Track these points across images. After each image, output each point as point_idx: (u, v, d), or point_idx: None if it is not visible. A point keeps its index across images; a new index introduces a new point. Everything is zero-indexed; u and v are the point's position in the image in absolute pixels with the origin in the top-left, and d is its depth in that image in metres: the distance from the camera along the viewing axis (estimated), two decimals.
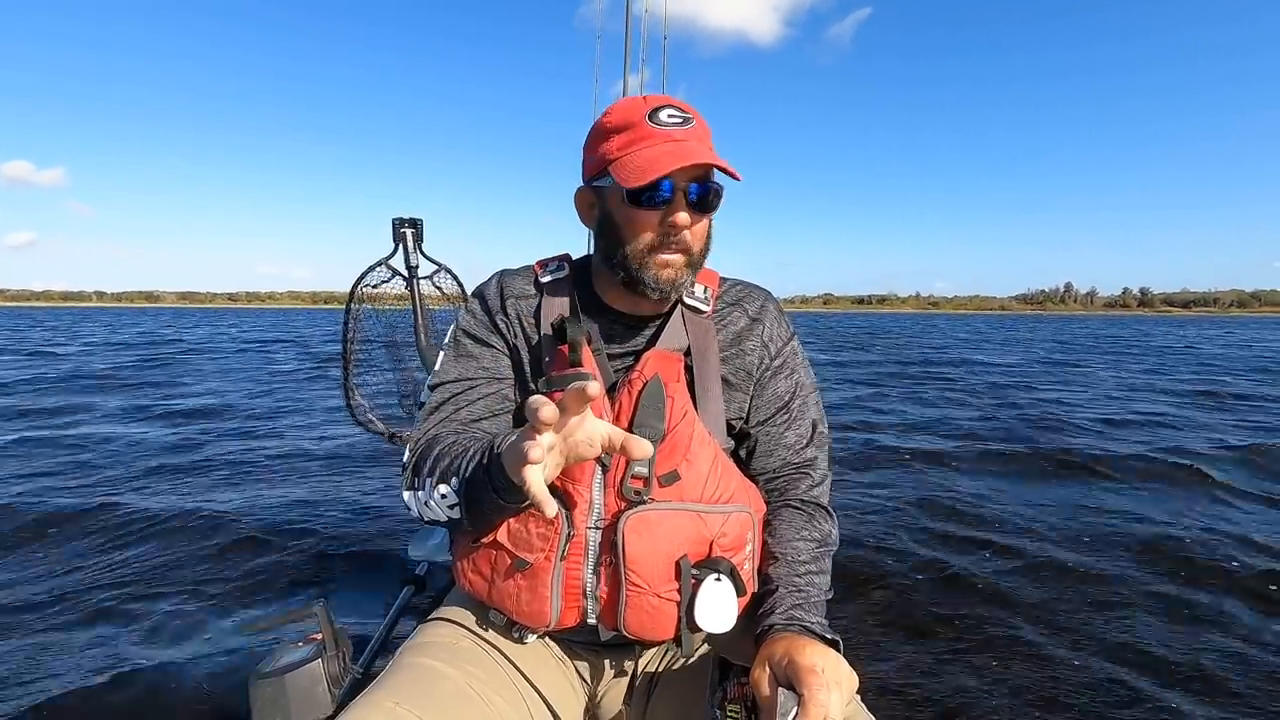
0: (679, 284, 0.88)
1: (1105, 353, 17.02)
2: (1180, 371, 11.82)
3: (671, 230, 0.85)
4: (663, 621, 0.81)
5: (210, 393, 7.99)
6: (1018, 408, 7.16)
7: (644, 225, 0.86)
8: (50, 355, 13.65)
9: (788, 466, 0.96)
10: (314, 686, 0.91)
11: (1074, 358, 15.14)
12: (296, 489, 3.68)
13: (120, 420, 6.08)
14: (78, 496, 3.51)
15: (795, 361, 1.00)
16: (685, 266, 0.88)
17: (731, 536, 0.84)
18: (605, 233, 0.90)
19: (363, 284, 1.64)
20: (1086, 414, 6.71)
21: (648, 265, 0.87)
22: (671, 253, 0.87)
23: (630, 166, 0.82)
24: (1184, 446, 5.01)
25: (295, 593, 2.38)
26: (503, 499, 0.73)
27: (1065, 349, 18.76)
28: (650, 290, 0.88)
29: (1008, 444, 5.18)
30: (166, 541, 2.86)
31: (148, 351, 15.02)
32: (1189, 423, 6.26)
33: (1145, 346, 20.22)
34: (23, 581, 2.43)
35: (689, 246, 0.88)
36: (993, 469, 4.46)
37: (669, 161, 0.80)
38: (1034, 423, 6.18)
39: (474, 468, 0.76)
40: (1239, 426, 6.07)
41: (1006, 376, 10.84)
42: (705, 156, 0.82)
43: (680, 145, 0.83)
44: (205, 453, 4.68)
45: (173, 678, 1.81)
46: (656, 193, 0.84)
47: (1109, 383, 9.87)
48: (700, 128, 0.87)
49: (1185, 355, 16.28)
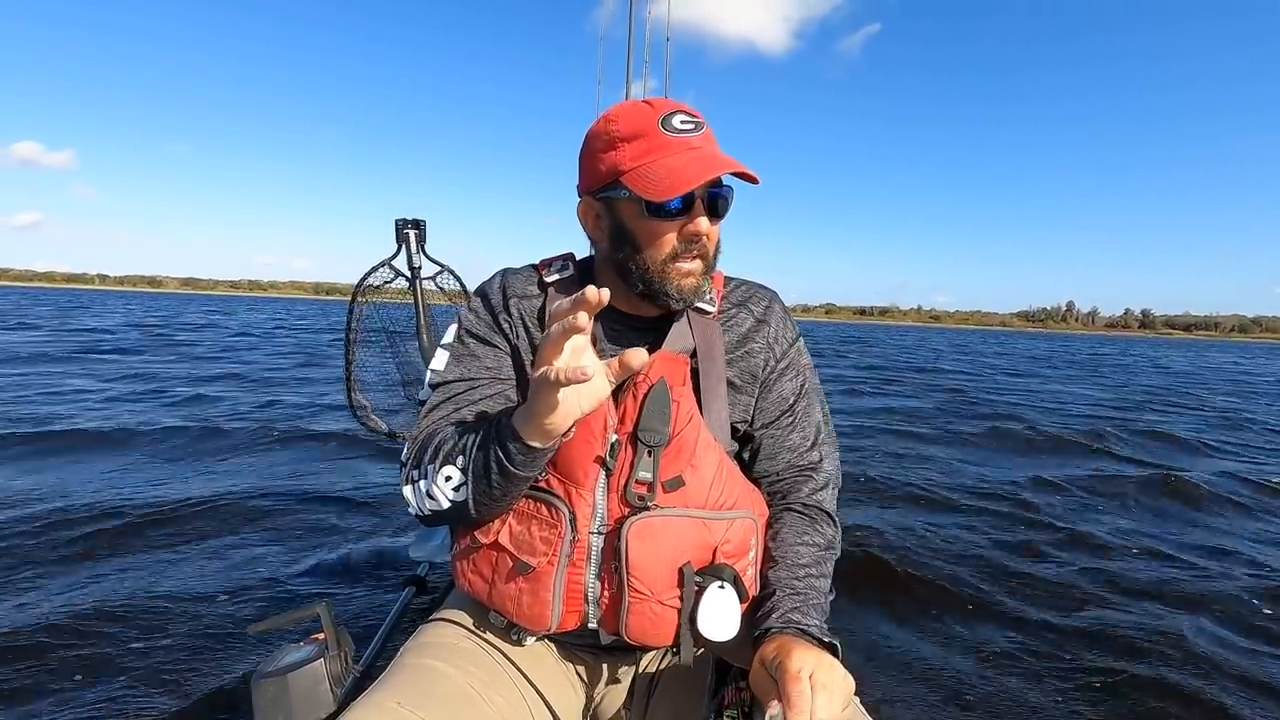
0: (700, 291, 0.88)
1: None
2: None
3: (693, 239, 0.84)
4: (664, 628, 0.81)
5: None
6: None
7: (665, 236, 0.84)
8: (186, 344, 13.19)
9: (791, 469, 0.95)
10: (316, 686, 0.91)
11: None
12: (297, 489, 3.66)
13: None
14: (77, 495, 3.51)
15: (801, 363, 0.99)
16: (703, 273, 0.87)
17: (735, 543, 0.84)
18: (620, 245, 0.87)
19: (366, 284, 1.64)
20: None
21: (669, 276, 0.85)
22: (691, 260, 0.85)
23: (652, 178, 0.80)
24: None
25: (298, 592, 2.36)
26: (515, 466, 0.73)
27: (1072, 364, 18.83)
28: (674, 301, 0.86)
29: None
30: (166, 539, 2.84)
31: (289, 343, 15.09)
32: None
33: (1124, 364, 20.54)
34: (20, 582, 2.41)
35: (707, 253, 0.87)
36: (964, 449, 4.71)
37: (698, 171, 0.79)
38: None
39: (483, 438, 0.75)
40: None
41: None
42: (732, 164, 0.80)
43: (701, 154, 0.81)
44: (207, 449, 4.66)
45: (174, 677, 1.81)
46: (679, 203, 0.82)
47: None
48: (709, 132, 0.86)
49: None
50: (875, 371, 14.09)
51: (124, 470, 3.97)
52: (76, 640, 1.98)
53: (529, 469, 0.75)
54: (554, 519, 0.81)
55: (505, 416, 0.75)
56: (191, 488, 3.60)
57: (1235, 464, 5.44)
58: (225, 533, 2.95)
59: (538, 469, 0.77)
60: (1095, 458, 5.45)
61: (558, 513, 0.81)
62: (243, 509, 3.24)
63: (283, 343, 15.38)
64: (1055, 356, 25.71)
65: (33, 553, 2.63)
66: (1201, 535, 3.51)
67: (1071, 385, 12.75)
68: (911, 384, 11.53)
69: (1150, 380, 15.01)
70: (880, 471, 4.45)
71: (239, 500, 3.35)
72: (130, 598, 2.26)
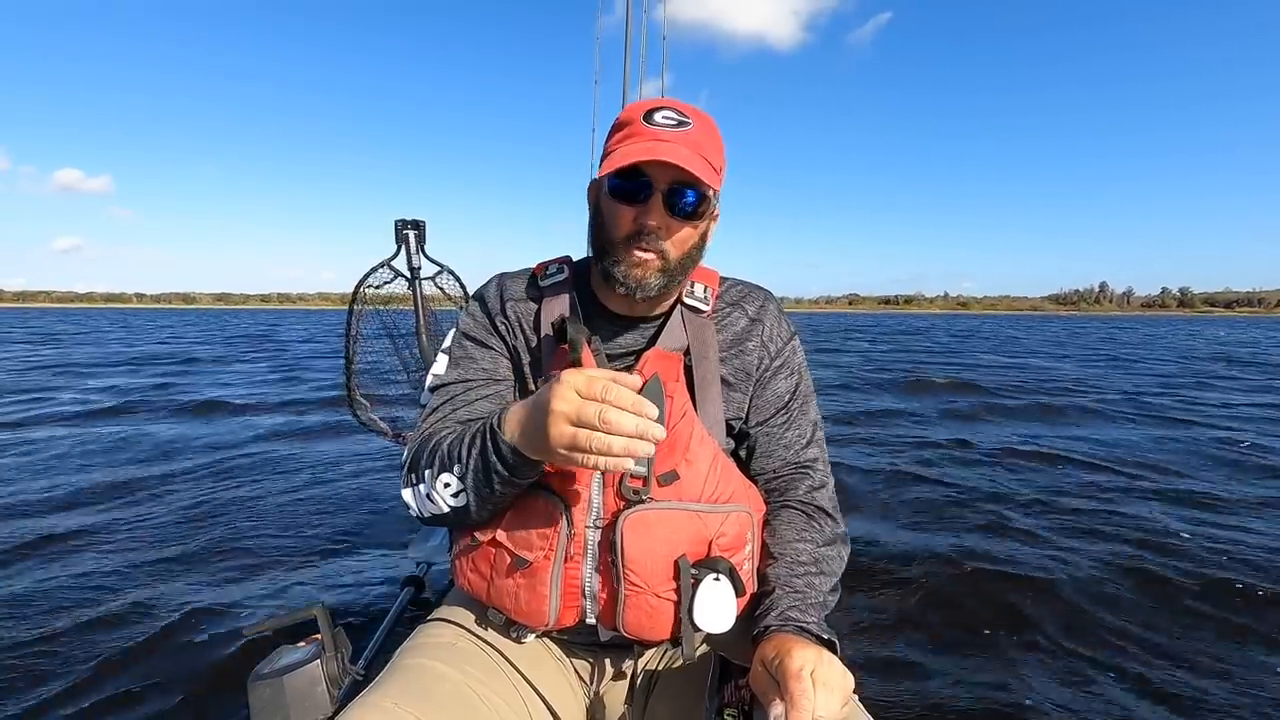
0: (647, 285, 0.87)
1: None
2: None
3: (644, 229, 0.85)
4: (661, 621, 0.81)
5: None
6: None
7: (621, 219, 0.86)
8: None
9: (787, 466, 0.96)
10: (313, 687, 0.92)
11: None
12: (297, 489, 3.71)
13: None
14: (75, 492, 3.59)
15: (795, 362, 1.00)
16: (659, 270, 0.87)
17: (730, 536, 0.84)
18: (594, 223, 0.92)
19: (365, 285, 1.66)
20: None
21: (621, 260, 0.87)
22: (645, 251, 0.86)
23: (610, 159, 0.84)
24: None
25: (295, 593, 2.39)
26: (513, 474, 0.75)
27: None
28: (618, 285, 0.88)
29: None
30: (164, 540, 2.88)
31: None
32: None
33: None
34: (17, 580, 2.47)
35: (664, 250, 0.87)
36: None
37: (640, 152, 0.81)
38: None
39: (481, 445, 0.77)
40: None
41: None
42: (671, 155, 0.81)
43: (659, 144, 0.83)
44: (210, 451, 4.76)
45: (171, 678, 1.83)
46: (635, 189, 0.84)
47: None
48: (699, 132, 0.86)
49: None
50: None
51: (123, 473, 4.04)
52: (73, 639, 2.02)
53: (529, 474, 0.77)
54: (550, 514, 0.82)
55: (499, 423, 0.76)
56: (185, 488, 3.67)
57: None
58: (220, 533, 2.98)
59: (538, 471, 0.78)
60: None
61: (553, 508, 0.81)
62: (240, 509, 3.29)
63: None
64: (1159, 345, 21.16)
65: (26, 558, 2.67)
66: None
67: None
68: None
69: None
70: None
71: (236, 500, 3.41)
72: (127, 596, 2.30)
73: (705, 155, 0.85)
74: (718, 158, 0.88)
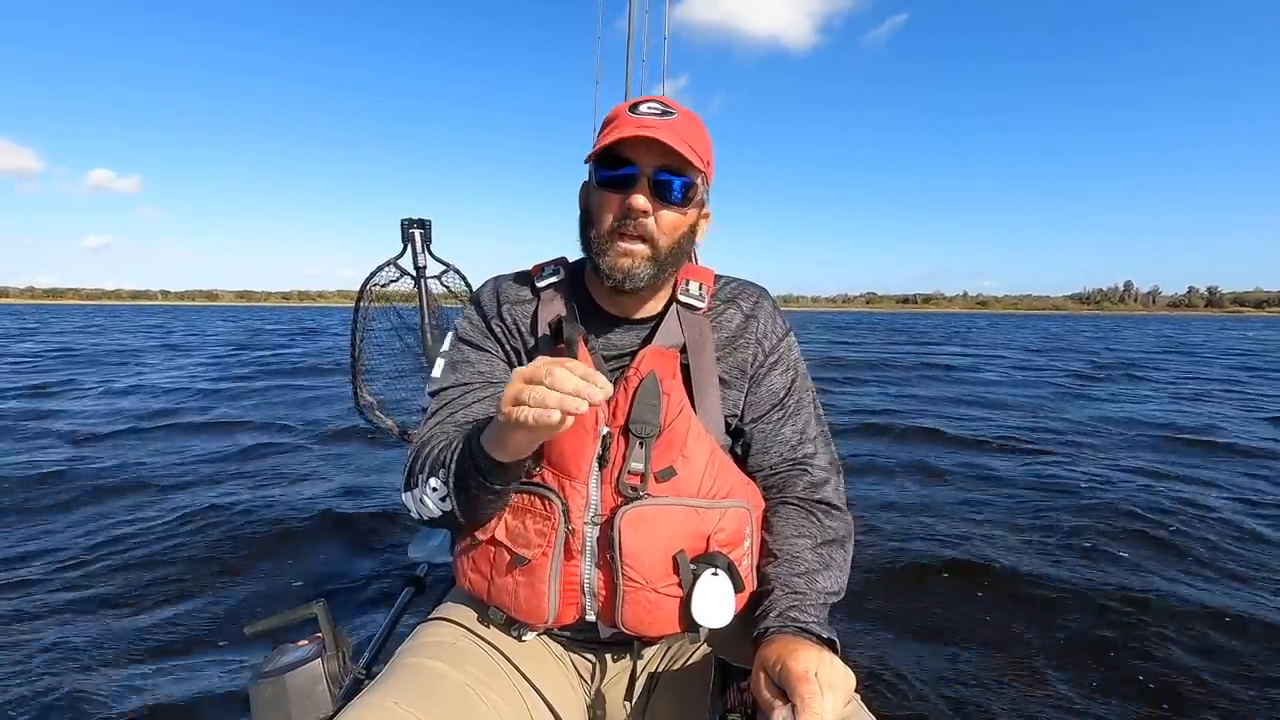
0: (635, 275, 0.86)
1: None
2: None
3: (629, 213, 0.84)
4: (660, 617, 0.81)
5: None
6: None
7: (607, 207, 0.86)
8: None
9: (785, 462, 0.95)
10: (314, 686, 0.92)
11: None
12: (297, 488, 3.74)
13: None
14: (75, 492, 3.63)
15: (791, 357, 0.99)
16: (647, 259, 0.86)
17: (729, 532, 0.84)
18: (583, 218, 0.92)
19: (372, 283, 1.66)
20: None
21: (607, 251, 0.86)
22: (631, 240, 0.85)
23: (596, 146, 0.85)
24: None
25: (296, 592, 2.41)
26: (487, 480, 0.75)
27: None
28: (605, 278, 0.87)
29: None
30: (166, 540, 2.90)
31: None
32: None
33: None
34: (18, 581, 2.49)
35: (651, 236, 0.86)
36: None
37: (624, 131, 0.82)
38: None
39: (461, 452, 0.78)
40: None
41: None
42: (656, 132, 0.81)
43: (644, 128, 0.83)
44: (210, 451, 4.79)
45: (173, 677, 1.85)
46: (619, 175, 0.84)
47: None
48: (684, 123, 0.86)
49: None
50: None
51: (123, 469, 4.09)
52: (72, 639, 2.04)
53: (503, 480, 0.77)
54: (547, 511, 0.82)
55: (476, 433, 0.77)
56: (188, 487, 3.71)
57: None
58: (222, 532, 3.00)
59: (513, 477, 0.78)
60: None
61: (551, 505, 0.82)
62: (241, 508, 3.31)
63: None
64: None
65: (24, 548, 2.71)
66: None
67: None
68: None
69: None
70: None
71: (238, 499, 3.44)
72: (127, 596, 2.33)
73: (690, 144, 0.84)
74: (704, 151, 0.88)
